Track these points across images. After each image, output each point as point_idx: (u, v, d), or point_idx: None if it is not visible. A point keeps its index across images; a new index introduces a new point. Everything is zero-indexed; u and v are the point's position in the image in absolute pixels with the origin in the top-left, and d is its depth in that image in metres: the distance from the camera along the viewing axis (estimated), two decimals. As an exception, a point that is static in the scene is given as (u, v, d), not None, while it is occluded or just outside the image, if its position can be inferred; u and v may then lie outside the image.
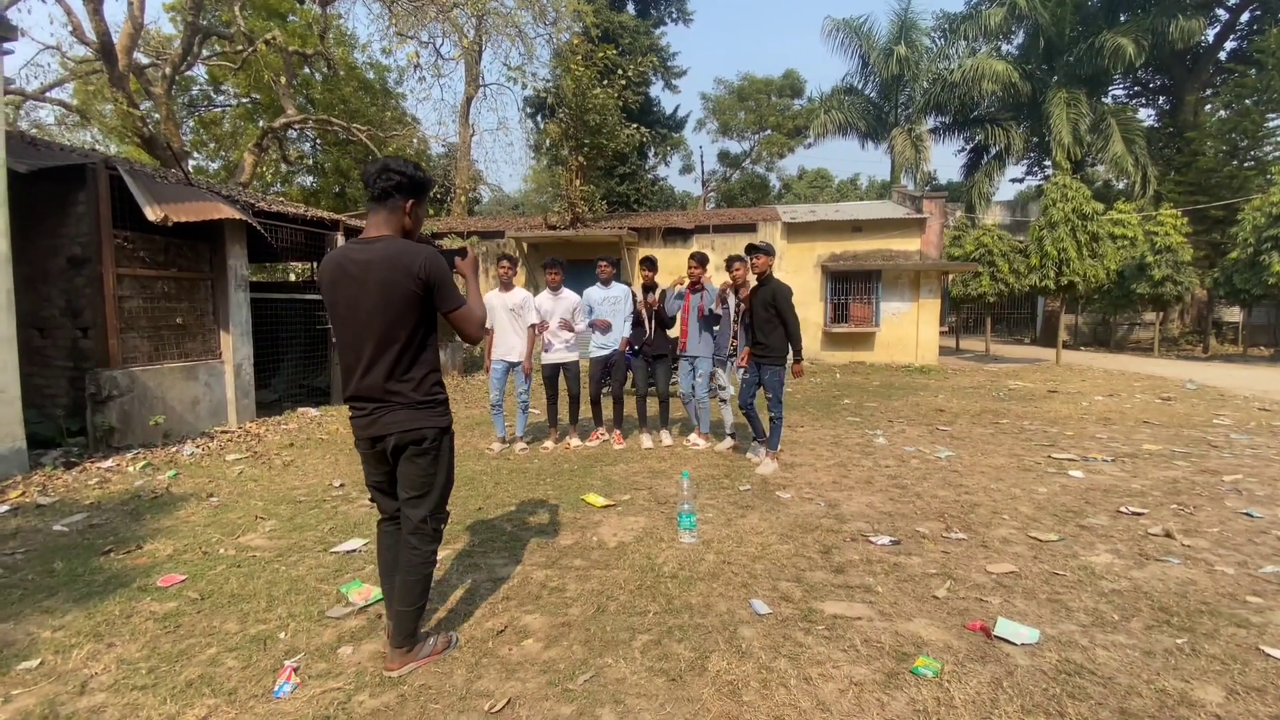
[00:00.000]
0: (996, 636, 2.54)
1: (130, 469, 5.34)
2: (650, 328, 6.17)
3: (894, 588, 3.01)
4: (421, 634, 2.45)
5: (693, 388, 6.12)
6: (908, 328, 14.85)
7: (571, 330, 5.97)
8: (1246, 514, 4.08)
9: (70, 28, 11.10)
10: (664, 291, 6.16)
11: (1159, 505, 4.28)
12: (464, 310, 2.28)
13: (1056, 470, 5.21)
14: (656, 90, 28.14)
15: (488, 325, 5.94)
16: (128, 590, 3.03)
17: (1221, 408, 8.48)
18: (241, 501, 4.49)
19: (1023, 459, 5.61)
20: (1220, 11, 23.59)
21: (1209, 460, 5.56)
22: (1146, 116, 26.32)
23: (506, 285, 5.90)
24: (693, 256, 5.92)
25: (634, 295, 6.24)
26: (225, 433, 6.78)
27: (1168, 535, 3.68)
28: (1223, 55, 24.42)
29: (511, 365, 5.94)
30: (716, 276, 7.94)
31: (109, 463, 5.44)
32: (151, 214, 5.83)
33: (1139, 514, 4.08)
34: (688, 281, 6.03)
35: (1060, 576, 3.12)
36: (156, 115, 12.65)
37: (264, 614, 2.79)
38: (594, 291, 6.06)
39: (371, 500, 2.50)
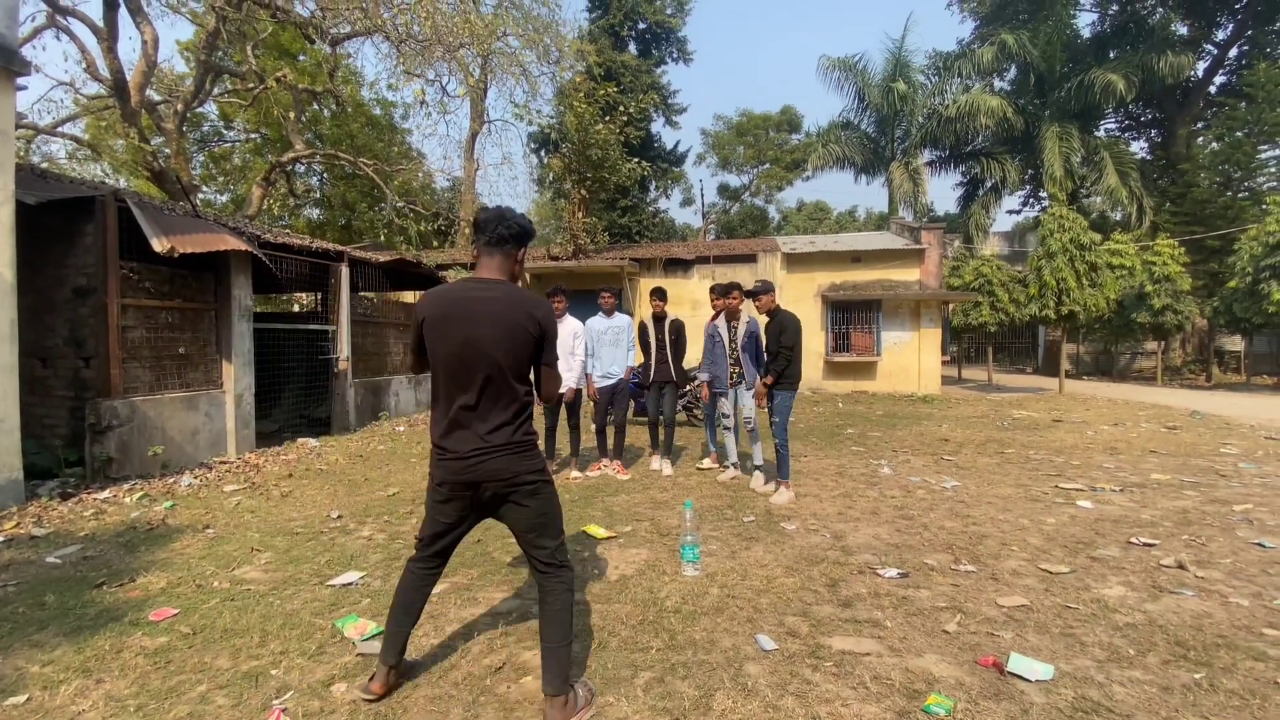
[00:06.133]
0: (1010, 672, 2.47)
1: (127, 500, 5.28)
2: (669, 355, 6.19)
3: (903, 622, 2.94)
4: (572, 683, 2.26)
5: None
6: (909, 357, 14.85)
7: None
8: (1259, 544, 4.00)
9: (84, 65, 11.36)
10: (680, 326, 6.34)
11: (1170, 536, 4.21)
12: (555, 368, 2.36)
13: (1064, 500, 5.14)
14: (657, 126, 28.69)
15: None
16: (119, 624, 2.97)
17: (1228, 437, 8.41)
18: (238, 533, 4.43)
19: (1030, 489, 5.54)
20: (1209, 47, 24.17)
21: (1218, 490, 5.49)
22: (1139, 149, 26.83)
23: None
24: (712, 289, 6.12)
25: (643, 325, 6.30)
26: (224, 463, 6.73)
27: (1180, 567, 3.61)
28: (1213, 89, 24.96)
29: None
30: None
31: (106, 494, 5.38)
32: (159, 245, 5.88)
33: (1150, 545, 4.01)
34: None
35: (1073, 610, 3.05)
36: (167, 150, 12.86)
37: (256, 649, 2.72)
38: (596, 321, 6.08)
39: (422, 539, 2.37)
